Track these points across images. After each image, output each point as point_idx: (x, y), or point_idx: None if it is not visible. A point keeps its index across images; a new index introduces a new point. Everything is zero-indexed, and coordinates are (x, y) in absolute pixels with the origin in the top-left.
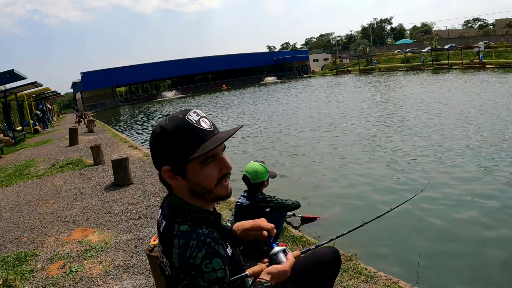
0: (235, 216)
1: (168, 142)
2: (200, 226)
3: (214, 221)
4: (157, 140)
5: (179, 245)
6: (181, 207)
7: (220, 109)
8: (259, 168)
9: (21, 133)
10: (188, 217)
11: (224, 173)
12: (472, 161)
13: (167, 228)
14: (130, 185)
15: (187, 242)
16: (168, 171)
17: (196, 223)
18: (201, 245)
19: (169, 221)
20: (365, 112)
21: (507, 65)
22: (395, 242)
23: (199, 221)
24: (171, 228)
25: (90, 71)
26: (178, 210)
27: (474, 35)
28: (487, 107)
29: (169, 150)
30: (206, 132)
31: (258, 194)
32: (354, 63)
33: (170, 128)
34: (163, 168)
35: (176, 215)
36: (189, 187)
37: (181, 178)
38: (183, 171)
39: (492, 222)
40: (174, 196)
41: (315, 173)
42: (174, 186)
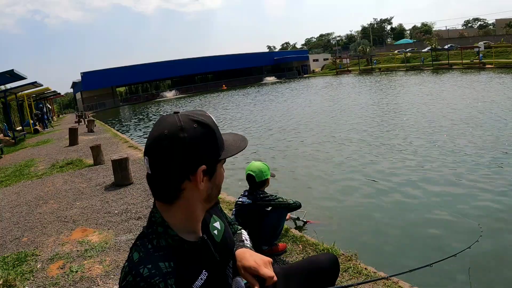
0: (235, 215)
1: (210, 138)
2: (151, 261)
3: (190, 249)
4: (198, 135)
5: (123, 270)
6: (156, 226)
7: (227, 109)
8: (263, 167)
9: (21, 133)
10: (153, 242)
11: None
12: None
13: (134, 241)
14: (130, 185)
15: (126, 274)
16: (203, 170)
17: (151, 255)
18: (133, 286)
19: (138, 236)
20: (374, 113)
21: (507, 65)
22: (395, 242)
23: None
24: (131, 249)
25: (90, 71)
26: (152, 228)
27: (474, 35)
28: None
29: (208, 148)
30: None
31: (259, 192)
32: (354, 63)
33: (211, 123)
34: (200, 168)
35: (145, 234)
36: (209, 189)
37: (207, 179)
38: (214, 171)
39: (491, 222)
40: (156, 210)
41: (320, 176)
42: (199, 189)
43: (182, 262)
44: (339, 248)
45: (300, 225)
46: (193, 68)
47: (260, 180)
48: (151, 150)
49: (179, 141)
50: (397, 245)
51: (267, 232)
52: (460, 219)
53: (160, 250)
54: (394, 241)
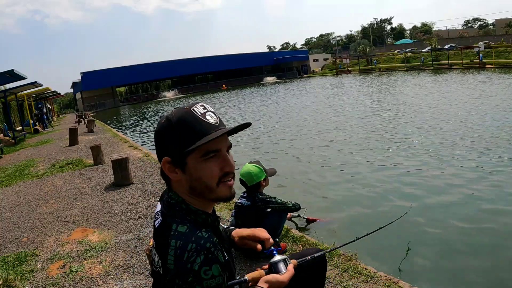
0: (235, 216)
1: (170, 132)
2: (200, 229)
3: (212, 224)
4: (161, 130)
5: (175, 247)
6: (179, 205)
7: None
8: (253, 170)
9: (21, 133)
10: (186, 218)
11: (226, 171)
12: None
13: (163, 226)
14: (130, 185)
15: (184, 245)
16: (167, 162)
17: (195, 225)
18: (200, 250)
19: (166, 219)
20: (376, 113)
21: (507, 65)
22: (395, 242)
23: (197, 223)
24: (168, 227)
25: (90, 71)
26: (175, 208)
27: (474, 35)
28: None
29: (171, 141)
30: (211, 125)
31: (257, 194)
32: (354, 63)
33: (174, 118)
34: (163, 159)
35: (173, 214)
36: (188, 182)
37: (180, 171)
38: (183, 164)
39: (491, 223)
40: (172, 193)
41: (322, 174)
42: (173, 180)
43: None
44: (339, 248)
45: (301, 223)
46: (193, 68)
47: (252, 184)
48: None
49: (154, 135)
50: (398, 245)
51: (266, 229)
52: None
53: (195, 222)
54: (395, 241)
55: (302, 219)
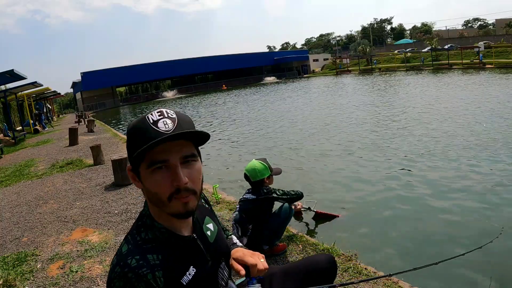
0: (239, 211)
1: (127, 139)
2: (139, 253)
3: (177, 244)
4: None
5: (112, 263)
6: (143, 219)
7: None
8: (258, 166)
9: (21, 133)
10: (141, 235)
11: (176, 186)
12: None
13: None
14: (130, 185)
15: (115, 266)
16: (129, 169)
17: (139, 247)
18: (121, 276)
19: (129, 230)
20: (381, 113)
21: (507, 65)
22: (395, 242)
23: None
24: (122, 242)
25: (90, 71)
26: (138, 222)
27: (474, 35)
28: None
29: (127, 148)
30: (159, 133)
31: (262, 188)
32: (354, 63)
33: (130, 126)
34: (127, 166)
35: (135, 226)
36: (146, 193)
37: (139, 180)
38: (138, 173)
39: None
40: (146, 201)
41: (332, 172)
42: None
43: (170, 256)
44: (339, 248)
45: (309, 220)
46: (193, 68)
47: (256, 180)
48: None
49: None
50: (398, 245)
51: (270, 232)
52: (474, 219)
53: (149, 243)
54: (396, 241)
55: (311, 213)
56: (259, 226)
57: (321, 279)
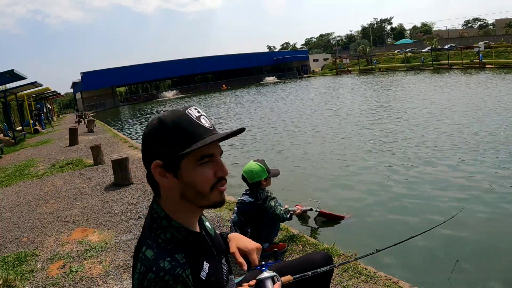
0: (237, 213)
1: (164, 134)
2: (168, 254)
3: (194, 241)
4: (152, 131)
5: (139, 272)
6: (159, 222)
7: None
8: (255, 168)
9: (21, 133)
10: (161, 236)
11: (219, 176)
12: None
13: (138, 243)
14: (130, 185)
15: (146, 273)
16: (159, 166)
17: (165, 249)
18: (158, 282)
19: (142, 236)
20: (383, 112)
21: (507, 65)
22: (395, 242)
23: (172, 243)
24: (139, 247)
25: (90, 71)
26: (153, 225)
27: (474, 35)
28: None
29: (164, 143)
30: (206, 129)
31: (260, 190)
32: (354, 63)
33: (169, 120)
34: (154, 162)
35: (151, 230)
36: (180, 188)
37: (172, 176)
38: (176, 168)
39: (497, 217)
40: (157, 205)
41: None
42: (163, 186)
43: (190, 253)
44: (339, 248)
45: (312, 221)
46: (193, 68)
47: (253, 182)
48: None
49: (143, 138)
50: (398, 245)
51: (267, 229)
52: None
53: (170, 243)
54: (394, 241)
55: (315, 212)
56: (257, 228)
57: (317, 276)
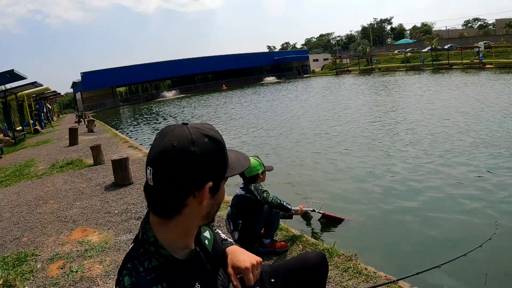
0: (232, 206)
1: (219, 154)
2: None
3: (183, 267)
4: (209, 150)
5: None
6: (147, 245)
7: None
8: (252, 162)
9: (21, 133)
10: (143, 264)
11: None
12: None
13: (123, 261)
14: (130, 185)
15: None
16: (211, 187)
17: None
18: None
19: (127, 256)
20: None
21: (507, 65)
22: (395, 242)
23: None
24: (121, 269)
25: (90, 71)
26: (140, 249)
27: (474, 35)
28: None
29: (220, 163)
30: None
31: (252, 185)
32: (354, 63)
33: (218, 138)
34: (208, 184)
35: (136, 253)
36: (210, 207)
37: (210, 196)
38: (217, 189)
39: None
40: (148, 227)
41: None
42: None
43: (175, 281)
44: (339, 248)
45: (316, 222)
46: (193, 68)
47: (250, 176)
48: (157, 162)
49: (190, 155)
50: (398, 245)
51: (264, 223)
52: (472, 218)
53: (152, 272)
54: (396, 241)
55: (318, 214)
56: (249, 221)
57: (312, 276)
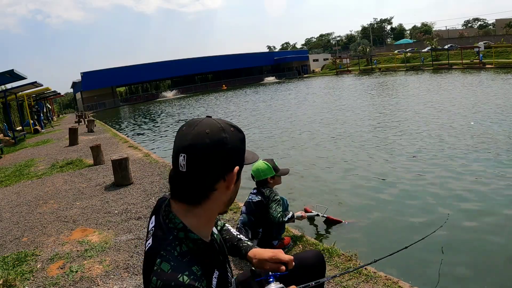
0: (246, 213)
1: (242, 141)
2: (185, 268)
3: (208, 252)
4: (235, 137)
5: (155, 285)
6: (175, 233)
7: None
8: (261, 167)
9: (21, 133)
10: (176, 249)
11: None
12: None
13: (150, 256)
14: (130, 185)
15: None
16: (238, 171)
17: (181, 262)
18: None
19: (155, 247)
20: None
21: (507, 65)
22: (395, 242)
23: (188, 255)
24: (153, 260)
25: (90, 71)
26: (169, 237)
27: (474, 35)
28: None
29: (241, 151)
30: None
31: (267, 189)
32: (354, 63)
33: (240, 128)
34: (236, 168)
35: (165, 242)
36: (230, 195)
37: (234, 183)
38: (239, 175)
39: (495, 221)
40: (173, 215)
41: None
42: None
43: (203, 264)
44: (339, 248)
45: (319, 225)
46: (193, 68)
47: (259, 180)
48: (191, 148)
49: (222, 141)
50: (398, 245)
51: (277, 226)
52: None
53: (186, 255)
54: (396, 241)
55: (322, 218)
56: (269, 228)
57: (309, 275)
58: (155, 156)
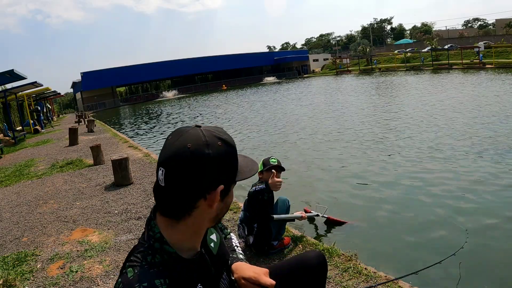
0: (243, 210)
1: (232, 157)
2: (147, 279)
3: (186, 267)
4: (222, 155)
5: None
6: (152, 241)
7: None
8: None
9: (21, 133)
10: (147, 258)
11: None
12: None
13: (128, 254)
14: (130, 185)
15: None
16: (221, 190)
17: (146, 272)
18: None
19: (132, 249)
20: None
21: (507, 65)
22: (395, 242)
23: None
24: (125, 261)
25: (90, 71)
26: (149, 243)
27: (474, 35)
28: None
29: (233, 167)
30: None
31: (257, 183)
32: (354, 63)
33: (231, 142)
34: (219, 188)
35: (139, 248)
36: (219, 209)
37: (220, 200)
38: (227, 192)
39: (496, 214)
40: (154, 224)
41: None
42: (207, 211)
43: (177, 278)
44: (339, 248)
45: (320, 225)
46: (193, 68)
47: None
48: (169, 162)
49: (204, 157)
50: (398, 246)
51: (275, 224)
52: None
53: (155, 267)
54: (396, 241)
55: (322, 218)
56: (265, 224)
57: (311, 276)
58: (155, 156)
